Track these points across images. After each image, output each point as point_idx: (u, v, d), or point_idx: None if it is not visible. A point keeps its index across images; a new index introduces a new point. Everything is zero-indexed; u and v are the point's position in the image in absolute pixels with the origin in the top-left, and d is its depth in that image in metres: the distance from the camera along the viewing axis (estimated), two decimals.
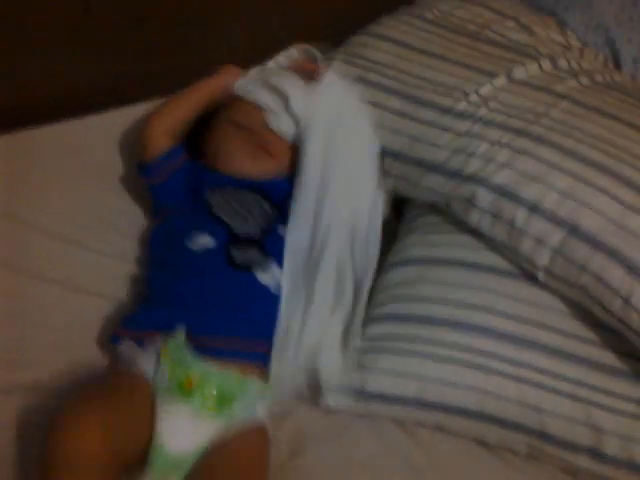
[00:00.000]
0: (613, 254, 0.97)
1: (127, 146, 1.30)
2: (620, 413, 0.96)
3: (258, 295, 1.06)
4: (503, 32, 1.33)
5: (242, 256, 1.07)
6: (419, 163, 1.13)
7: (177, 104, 1.22)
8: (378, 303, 1.10)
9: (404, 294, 1.08)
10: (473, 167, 1.08)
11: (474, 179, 1.07)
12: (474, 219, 1.08)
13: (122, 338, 1.03)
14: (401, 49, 1.26)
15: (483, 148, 1.08)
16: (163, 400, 0.95)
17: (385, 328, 1.05)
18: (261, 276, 1.07)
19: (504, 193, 1.05)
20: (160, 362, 0.97)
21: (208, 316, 1.03)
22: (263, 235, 1.11)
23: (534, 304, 1.04)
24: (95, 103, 1.31)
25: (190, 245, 1.08)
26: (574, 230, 1.00)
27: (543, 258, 1.02)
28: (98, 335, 1.09)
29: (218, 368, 0.98)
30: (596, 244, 0.98)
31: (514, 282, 1.06)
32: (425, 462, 1.00)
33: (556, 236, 1.01)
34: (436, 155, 1.11)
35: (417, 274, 1.09)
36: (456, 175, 1.09)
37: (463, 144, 1.10)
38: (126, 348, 1.02)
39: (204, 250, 1.07)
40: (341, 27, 1.33)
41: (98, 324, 1.10)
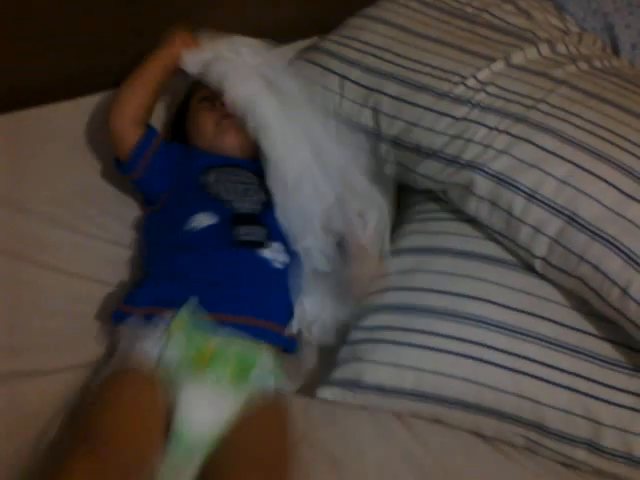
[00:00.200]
0: (612, 243, 0.96)
1: None
2: (618, 405, 0.95)
3: (261, 271, 1.05)
4: (501, 16, 1.31)
5: (245, 233, 1.05)
6: (416, 149, 1.11)
7: (133, 89, 1.14)
8: (374, 293, 1.08)
9: (400, 284, 1.06)
10: (471, 153, 1.06)
11: (472, 165, 1.06)
12: (472, 207, 1.07)
13: (126, 316, 0.99)
14: (398, 32, 1.24)
15: (481, 134, 1.07)
16: (177, 378, 0.92)
17: (382, 319, 1.04)
18: (263, 252, 1.05)
19: (502, 180, 1.03)
20: (171, 336, 0.94)
21: (211, 293, 1.00)
22: (264, 211, 1.09)
23: (532, 294, 1.02)
24: (87, 85, 1.28)
25: (189, 226, 1.05)
26: (572, 218, 0.98)
27: (541, 247, 1.01)
28: (96, 320, 1.08)
29: (235, 337, 0.96)
30: (594, 233, 0.97)
31: (512, 272, 1.04)
32: (422, 453, 0.99)
33: (554, 225, 0.99)
34: (433, 141, 1.09)
35: (414, 263, 1.08)
36: (453, 161, 1.07)
37: (461, 130, 1.08)
38: (128, 328, 0.98)
39: (204, 227, 1.05)
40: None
41: (96, 309, 1.09)
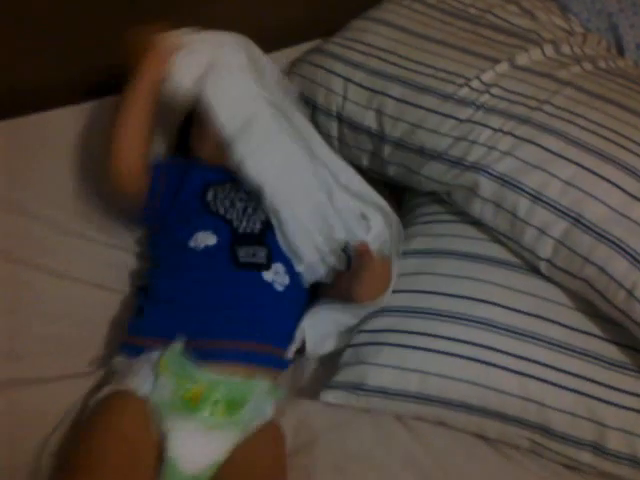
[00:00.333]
0: (617, 245, 0.96)
1: None
2: (623, 407, 0.95)
3: (262, 294, 1.02)
4: (505, 17, 1.30)
5: (246, 255, 1.03)
6: (420, 151, 1.11)
7: (127, 140, 1.04)
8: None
9: (404, 286, 1.05)
10: (475, 155, 1.06)
11: (476, 167, 1.05)
12: (476, 209, 1.06)
13: (128, 346, 0.98)
14: (402, 34, 1.24)
15: (485, 136, 1.06)
16: (167, 416, 0.91)
17: (386, 321, 1.03)
18: (265, 274, 1.03)
19: (506, 182, 1.03)
20: (159, 376, 0.92)
21: (212, 318, 0.98)
22: (264, 230, 1.07)
23: (537, 296, 1.02)
24: (88, 86, 1.28)
25: (191, 245, 1.03)
26: (577, 220, 0.98)
27: (546, 249, 1.00)
28: (97, 327, 1.07)
29: (224, 375, 0.94)
30: (600, 235, 0.96)
31: (516, 274, 1.04)
32: (425, 456, 0.99)
33: (559, 226, 0.99)
34: (437, 143, 1.09)
35: (418, 266, 1.08)
36: (458, 163, 1.07)
37: (465, 131, 1.08)
38: (122, 360, 0.98)
39: (205, 248, 1.03)
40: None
41: (96, 314, 1.09)
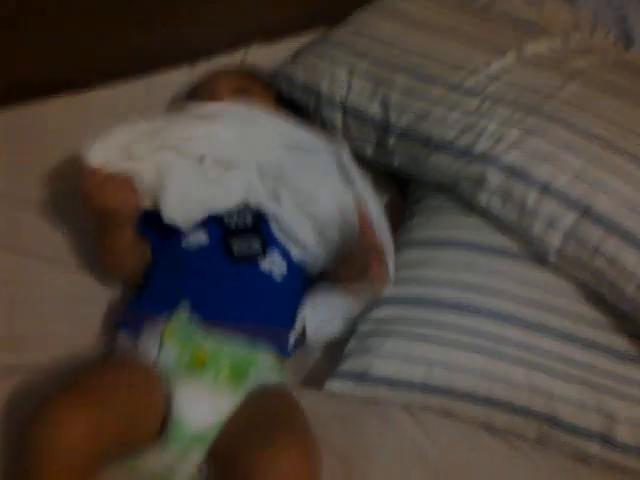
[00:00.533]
0: (627, 236, 0.95)
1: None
2: (632, 399, 0.94)
3: (261, 284, 1.02)
4: (513, 7, 1.30)
5: (240, 247, 1.03)
6: (426, 141, 1.10)
7: (113, 255, 1.05)
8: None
9: (410, 277, 1.05)
10: (482, 146, 1.05)
11: (483, 158, 1.04)
12: (483, 200, 1.05)
13: (125, 323, 0.99)
14: (408, 24, 1.23)
15: (493, 126, 1.05)
16: (174, 377, 0.91)
17: (391, 311, 1.02)
18: (262, 263, 1.03)
19: (514, 173, 1.02)
20: (164, 343, 0.93)
21: (214, 309, 0.98)
22: (258, 222, 1.06)
23: (544, 287, 1.01)
24: (89, 77, 1.27)
25: (184, 245, 1.03)
26: (587, 211, 0.97)
27: (555, 240, 0.99)
28: (94, 316, 1.07)
29: (230, 339, 0.95)
30: (610, 226, 0.96)
31: (523, 265, 1.03)
32: (431, 447, 0.98)
33: (568, 218, 0.98)
34: (444, 133, 1.08)
35: (423, 256, 1.06)
36: (465, 154, 1.06)
37: (472, 122, 1.07)
38: (125, 336, 0.98)
39: (198, 248, 1.03)
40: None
41: (96, 304, 1.08)
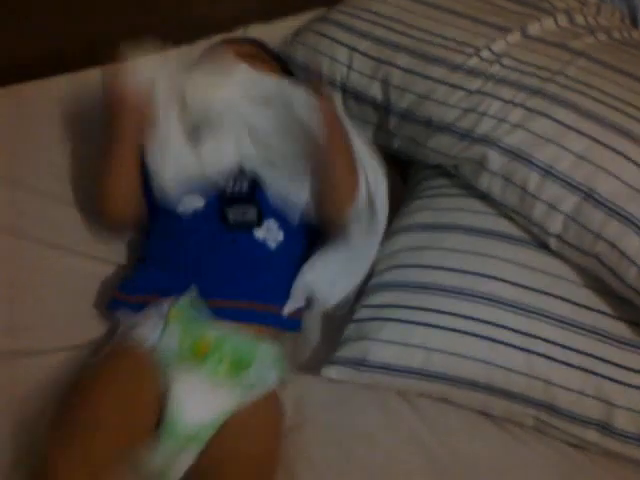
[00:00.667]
0: (630, 221, 0.93)
1: None
2: (631, 386, 0.93)
3: (255, 252, 1.02)
4: None
5: (235, 215, 1.02)
6: (427, 123, 1.08)
7: (116, 186, 1.04)
8: (382, 270, 1.06)
9: (409, 261, 1.04)
10: (484, 127, 1.03)
11: (485, 140, 1.03)
12: (484, 183, 1.04)
13: (121, 303, 0.99)
14: (409, 2, 1.21)
15: (495, 107, 1.03)
16: (172, 368, 0.91)
17: (389, 296, 1.01)
18: (256, 232, 1.02)
19: (516, 155, 1.00)
20: (168, 325, 0.92)
21: (207, 279, 0.98)
22: (253, 188, 1.05)
23: (544, 272, 1.00)
24: (78, 61, 1.26)
25: (180, 209, 1.03)
26: (589, 195, 0.95)
27: (556, 224, 0.98)
28: (94, 299, 1.06)
29: (234, 330, 0.94)
30: (612, 210, 0.94)
31: (524, 249, 1.01)
32: (428, 434, 0.97)
33: (570, 201, 0.97)
34: (445, 114, 1.06)
35: (423, 240, 1.05)
36: (466, 136, 1.04)
37: (474, 103, 1.05)
38: (124, 315, 0.97)
39: (194, 211, 1.02)
40: None
41: (95, 287, 1.08)
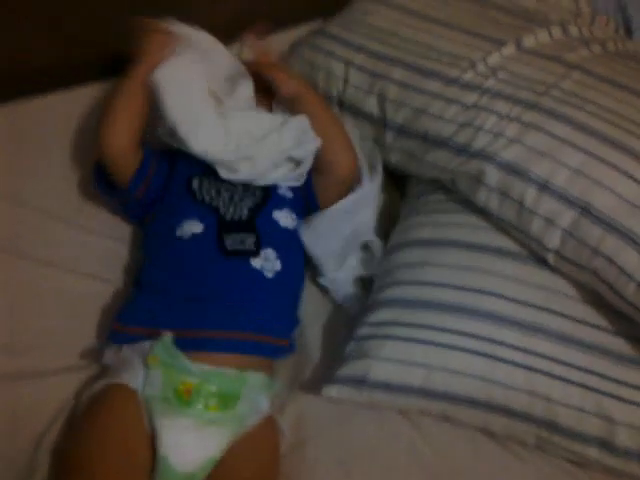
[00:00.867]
0: (627, 236, 0.93)
1: None
2: (632, 403, 0.93)
3: (251, 282, 1.00)
4: None
5: (234, 242, 1.01)
6: (423, 137, 1.08)
7: (120, 117, 1.03)
8: (382, 287, 1.05)
9: (408, 278, 1.03)
10: (481, 142, 1.03)
11: (482, 155, 1.02)
12: (481, 198, 1.04)
13: (121, 335, 0.97)
14: (405, 15, 1.21)
15: (491, 122, 1.03)
16: (159, 411, 0.89)
17: (389, 314, 1.00)
18: (253, 261, 1.00)
19: (513, 170, 1.00)
20: (149, 370, 0.91)
21: (202, 308, 0.96)
22: (253, 217, 1.04)
23: (543, 288, 0.99)
24: (80, 75, 1.26)
25: (178, 234, 1.02)
26: (586, 210, 0.95)
27: (553, 239, 0.97)
28: (94, 318, 1.05)
29: (216, 367, 0.93)
30: (609, 225, 0.94)
31: (522, 265, 1.01)
32: (429, 452, 0.97)
33: (567, 216, 0.96)
34: (442, 129, 1.06)
35: (421, 257, 1.05)
36: (463, 150, 1.04)
37: (470, 117, 1.05)
38: (109, 357, 0.96)
39: (192, 236, 1.01)
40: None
41: (93, 306, 1.06)
